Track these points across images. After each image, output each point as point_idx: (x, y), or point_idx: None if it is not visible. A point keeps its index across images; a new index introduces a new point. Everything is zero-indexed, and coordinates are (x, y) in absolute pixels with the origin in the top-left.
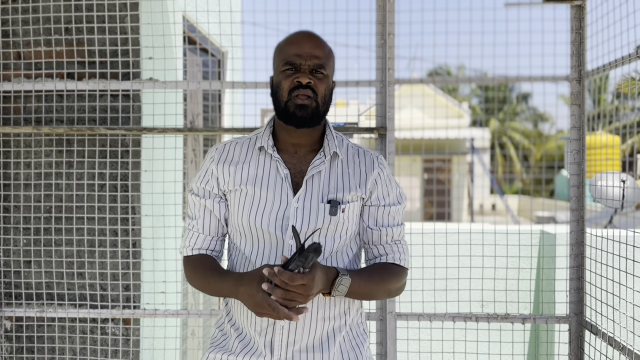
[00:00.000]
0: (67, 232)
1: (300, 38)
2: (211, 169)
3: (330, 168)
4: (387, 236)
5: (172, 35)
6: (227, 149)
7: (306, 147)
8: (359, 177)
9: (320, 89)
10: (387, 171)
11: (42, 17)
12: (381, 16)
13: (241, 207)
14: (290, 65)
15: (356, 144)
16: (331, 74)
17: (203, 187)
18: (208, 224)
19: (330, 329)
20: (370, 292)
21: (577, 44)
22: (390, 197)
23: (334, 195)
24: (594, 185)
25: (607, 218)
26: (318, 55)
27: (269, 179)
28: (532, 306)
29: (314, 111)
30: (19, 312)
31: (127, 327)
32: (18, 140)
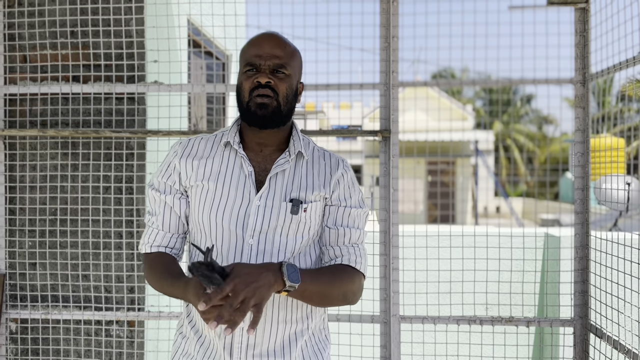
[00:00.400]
0: (72, 235)
1: (261, 39)
2: (174, 163)
3: (295, 168)
4: (344, 237)
5: (177, 39)
6: (192, 143)
7: (272, 146)
8: (323, 178)
9: (281, 88)
10: (351, 174)
11: (48, 20)
12: (385, 19)
13: (202, 203)
14: (250, 66)
15: (323, 148)
16: (295, 74)
17: (164, 181)
18: (168, 221)
19: (292, 333)
20: (324, 292)
21: (581, 47)
22: (352, 199)
23: (296, 194)
24: (598, 188)
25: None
26: (278, 55)
27: (232, 175)
28: (536, 309)
29: (274, 110)
30: (24, 314)
31: (131, 329)
32: (24, 143)
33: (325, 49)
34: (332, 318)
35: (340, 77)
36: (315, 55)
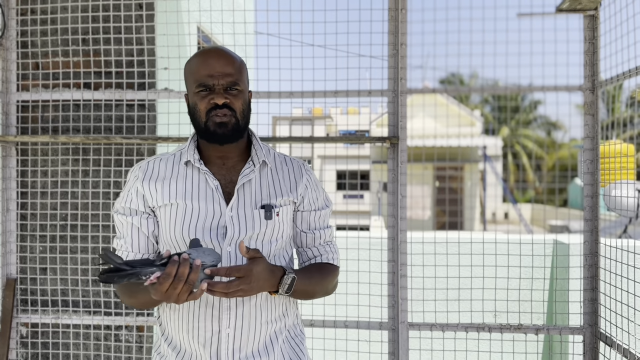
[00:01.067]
0: (82, 240)
1: (210, 57)
2: (136, 186)
3: (261, 176)
4: (320, 238)
5: (187, 46)
6: (152, 166)
7: (233, 158)
8: (289, 183)
9: (237, 105)
10: (314, 176)
11: (60, 28)
12: (393, 27)
13: (173, 221)
14: (203, 86)
15: (281, 152)
16: (246, 87)
17: (128, 206)
18: (137, 242)
19: (272, 332)
20: (311, 290)
21: (591, 54)
22: (319, 201)
23: (267, 200)
24: (608, 195)
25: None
26: (230, 73)
27: (199, 191)
28: (545, 317)
29: (234, 127)
30: (34, 318)
31: (140, 335)
32: (35, 149)
33: (334, 56)
34: (340, 324)
35: (349, 84)
36: (324, 62)
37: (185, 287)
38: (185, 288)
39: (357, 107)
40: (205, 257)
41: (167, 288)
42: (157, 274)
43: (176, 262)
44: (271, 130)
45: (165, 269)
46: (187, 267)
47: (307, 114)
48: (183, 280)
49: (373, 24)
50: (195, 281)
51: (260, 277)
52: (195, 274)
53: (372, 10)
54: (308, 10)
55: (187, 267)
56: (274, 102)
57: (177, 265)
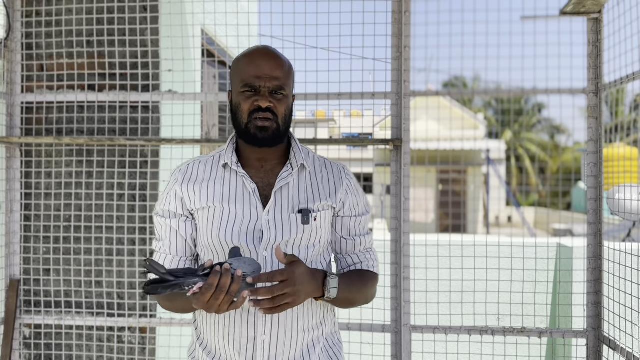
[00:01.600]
0: (85, 241)
1: (259, 58)
2: (174, 190)
3: (299, 180)
4: (360, 245)
5: (191, 49)
6: (191, 168)
7: (272, 161)
8: (328, 188)
9: (280, 110)
10: (354, 181)
11: (64, 30)
12: (397, 29)
13: (210, 224)
14: (249, 87)
15: (321, 156)
16: (291, 91)
17: (167, 209)
18: (175, 245)
19: (310, 340)
20: (352, 298)
21: (594, 57)
22: (359, 206)
23: (304, 205)
24: (611, 198)
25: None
26: (277, 77)
27: (236, 194)
28: (549, 320)
29: (274, 132)
30: (37, 319)
31: (143, 336)
32: (39, 150)
33: (337, 59)
34: (343, 327)
35: (352, 86)
36: (328, 64)
37: (226, 298)
38: (227, 298)
39: (361, 109)
40: (246, 267)
41: (209, 298)
42: (199, 285)
43: (218, 272)
44: None
45: (208, 280)
46: (229, 278)
47: (310, 116)
48: (225, 291)
49: (377, 26)
50: (237, 292)
51: (303, 280)
52: (237, 284)
53: (375, 13)
54: (312, 13)
55: (229, 277)
56: None
57: (219, 276)
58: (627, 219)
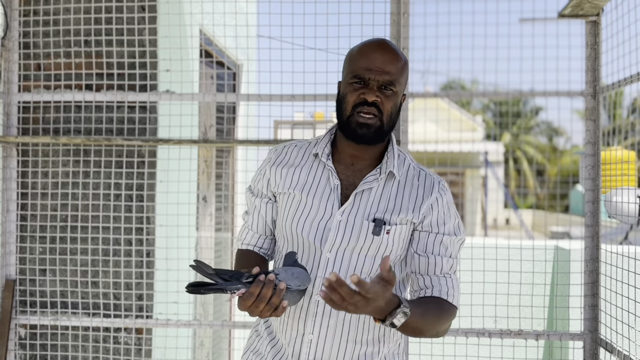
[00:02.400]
0: (82, 241)
1: (374, 50)
2: (264, 169)
3: (384, 187)
4: (435, 266)
5: (189, 49)
6: (285, 151)
7: (365, 160)
8: (414, 201)
9: (387, 106)
10: (448, 198)
11: (62, 29)
12: (395, 31)
13: (287, 211)
14: (358, 79)
15: (420, 164)
16: (402, 89)
17: (256, 185)
18: (256, 223)
19: (362, 354)
20: (420, 329)
21: (592, 60)
22: (445, 226)
23: (381, 214)
24: (609, 201)
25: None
26: (389, 71)
27: (317, 186)
28: (546, 323)
29: (377, 130)
30: (33, 320)
31: (139, 337)
32: (36, 150)
33: (336, 60)
34: None
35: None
36: (326, 65)
37: (267, 307)
38: (267, 308)
39: None
40: (292, 280)
41: (249, 305)
42: (241, 291)
43: (261, 282)
44: (273, 133)
45: (250, 289)
46: (271, 290)
47: (308, 117)
48: (265, 302)
49: (375, 28)
50: (277, 303)
51: (379, 303)
52: (278, 297)
53: (374, 14)
54: (310, 14)
55: (270, 289)
56: (275, 105)
57: (262, 286)
58: (624, 221)
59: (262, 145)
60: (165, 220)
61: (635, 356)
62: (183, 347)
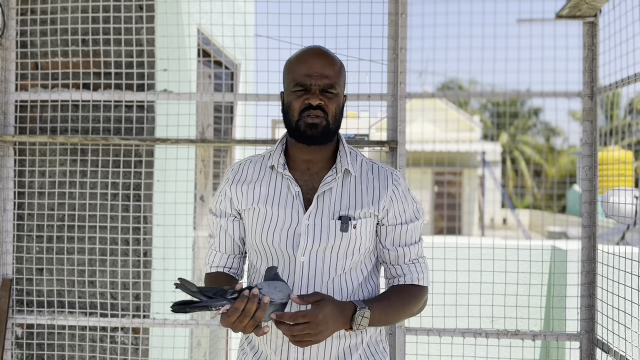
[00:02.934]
0: (79, 241)
1: (310, 57)
2: (224, 190)
3: (342, 185)
4: (404, 256)
5: (186, 48)
6: (242, 168)
7: (318, 163)
8: (372, 194)
9: (331, 108)
10: (403, 187)
11: (59, 28)
12: (393, 31)
13: (254, 226)
14: (300, 86)
15: (371, 159)
16: (342, 91)
17: (219, 207)
18: (224, 243)
19: (347, 347)
20: (392, 319)
21: (590, 61)
22: (406, 213)
23: (345, 211)
24: (606, 202)
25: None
26: (328, 75)
27: (280, 197)
28: (542, 323)
29: (324, 129)
30: (30, 319)
31: (136, 336)
32: (33, 149)
33: None
34: None
35: (348, 88)
36: None
37: (251, 322)
38: (252, 322)
39: (357, 111)
40: (275, 294)
41: (234, 320)
42: (226, 307)
43: (245, 297)
44: (270, 133)
45: (234, 304)
46: (255, 304)
47: None
48: (249, 316)
49: (373, 28)
50: (262, 318)
51: (327, 321)
52: (262, 311)
53: (372, 14)
54: (308, 14)
55: (254, 303)
56: (273, 105)
57: (246, 301)
58: (621, 222)
59: (259, 145)
60: (162, 219)
61: (631, 356)
62: (180, 346)
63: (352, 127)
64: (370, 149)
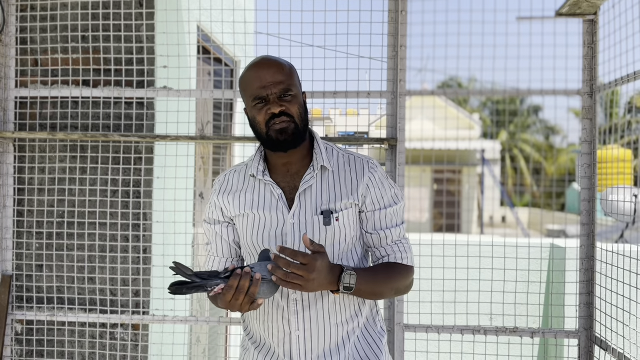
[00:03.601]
0: (78, 237)
1: (259, 69)
2: (213, 200)
3: (322, 181)
4: (386, 238)
5: (186, 45)
6: (227, 179)
7: (296, 163)
8: (350, 185)
9: (294, 109)
10: (379, 174)
11: (59, 24)
12: (393, 28)
13: (245, 230)
14: (258, 99)
15: (347, 150)
16: (299, 90)
17: (211, 216)
18: (221, 248)
19: (344, 334)
20: (378, 290)
21: (589, 58)
22: (384, 199)
23: (326, 206)
24: (605, 200)
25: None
26: (281, 80)
27: (264, 200)
28: (541, 320)
29: (294, 131)
30: (29, 315)
31: (135, 333)
32: (33, 146)
33: (333, 57)
34: None
35: (348, 85)
36: (324, 63)
37: (246, 299)
38: (247, 299)
39: (356, 108)
40: (266, 272)
41: (229, 299)
42: (220, 286)
43: (238, 275)
44: None
45: (228, 282)
46: (248, 280)
47: None
48: (244, 292)
49: (373, 25)
50: (255, 293)
51: (321, 271)
52: (255, 286)
53: (372, 11)
54: (308, 11)
55: (247, 280)
56: None
57: (239, 278)
58: (620, 220)
59: (258, 142)
60: (162, 216)
61: (629, 354)
62: (179, 343)
63: (352, 124)
64: (369, 147)
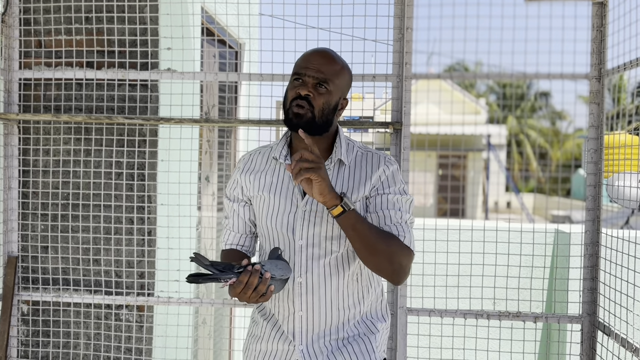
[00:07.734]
0: (83, 219)
1: (313, 53)
2: (236, 177)
3: (338, 174)
4: (385, 218)
5: (190, 27)
6: (252, 158)
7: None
8: (364, 179)
9: (318, 102)
10: (394, 169)
11: (63, 6)
12: (399, 10)
13: (261, 212)
14: (297, 75)
15: (368, 147)
16: (337, 91)
17: (232, 192)
18: (237, 224)
19: (346, 319)
20: (372, 240)
21: (598, 42)
22: (391, 188)
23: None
24: (611, 185)
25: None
26: (324, 71)
27: (282, 185)
28: (544, 305)
29: (309, 121)
30: (35, 296)
31: (140, 314)
32: (37, 128)
33: (338, 39)
34: None
35: (353, 68)
36: (329, 45)
37: (254, 294)
38: (254, 294)
39: (361, 92)
40: (276, 271)
41: (239, 292)
42: (232, 280)
43: (249, 272)
44: (274, 114)
45: (239, 277)
46: (257, 278)
47: None
48: (252, 288)
49: (379, 7)
50: (263, 290)
51: (325, 176)
52: (264, 285)
53: None
54: None
55: (256, 277)
56: (277, 85)
57: (249, 275)
58: (626, 206)
59: (263, 125)
60: (166, 199)
61: (632, 339)
62: (184, 324)
63: (357, 108)
64: (374, 131)
